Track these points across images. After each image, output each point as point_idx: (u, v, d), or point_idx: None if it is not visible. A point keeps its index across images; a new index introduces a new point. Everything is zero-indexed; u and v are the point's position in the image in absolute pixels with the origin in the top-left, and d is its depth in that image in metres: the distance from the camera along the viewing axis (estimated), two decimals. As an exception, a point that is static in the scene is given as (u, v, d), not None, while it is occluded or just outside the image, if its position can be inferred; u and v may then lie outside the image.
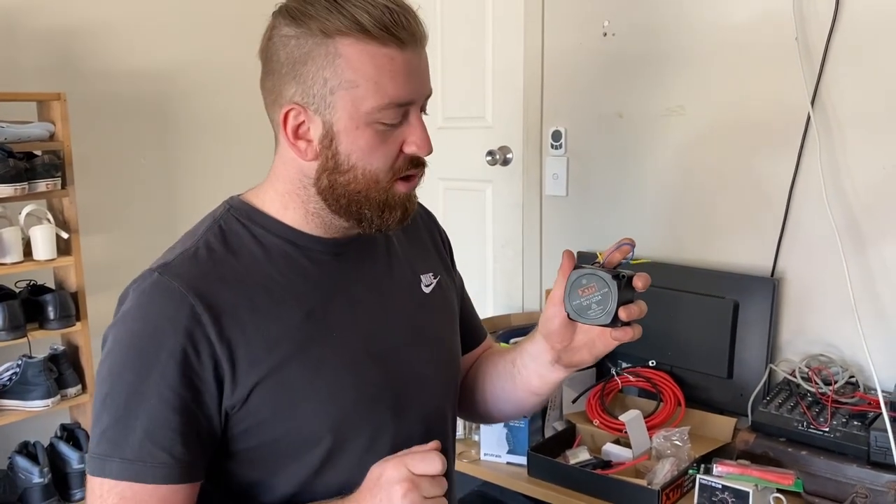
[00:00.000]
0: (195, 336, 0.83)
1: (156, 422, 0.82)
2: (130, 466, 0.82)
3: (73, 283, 2.14)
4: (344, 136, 0.86)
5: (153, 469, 0.82)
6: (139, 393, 0.82)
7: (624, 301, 0.88)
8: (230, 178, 2.13)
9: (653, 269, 1.87)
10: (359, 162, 0.87)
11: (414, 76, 0.86)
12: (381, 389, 0.93)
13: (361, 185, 0.88)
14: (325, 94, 0.85)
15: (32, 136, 2.04)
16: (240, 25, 2.56)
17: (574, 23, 2.07)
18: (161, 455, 0.82)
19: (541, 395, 1.05)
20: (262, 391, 0.86)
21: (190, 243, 0.90)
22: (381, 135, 0.86)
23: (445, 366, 1.05)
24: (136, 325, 0.85)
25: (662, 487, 1.42)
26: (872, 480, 1.37)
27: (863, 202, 1.62)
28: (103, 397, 0.85)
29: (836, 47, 1.61)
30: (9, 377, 2.04)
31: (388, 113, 0.85)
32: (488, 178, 2.37)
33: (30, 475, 2.00)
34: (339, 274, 0.95)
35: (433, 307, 1.04)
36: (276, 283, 0.90)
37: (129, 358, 0.84)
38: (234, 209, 0.94)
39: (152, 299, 0.85)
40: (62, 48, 2.29)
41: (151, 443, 0.82)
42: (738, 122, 1.79)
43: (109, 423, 0.83)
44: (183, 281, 0.85)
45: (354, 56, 0.83)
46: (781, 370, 1.69)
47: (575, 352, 0.96)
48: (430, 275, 1.06)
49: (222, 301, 0.85)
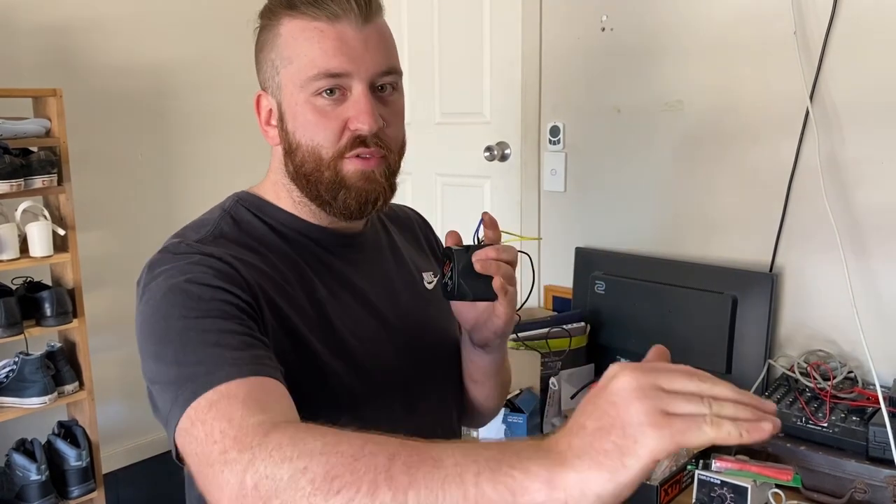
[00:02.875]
0: (236, 280, 0.81)
1: (217, 334, 0.75)
2: (213, 375, 0.71)
3: (69, 280, 2.13)
4: (289, 115, 0.88)
5: (232, 363, 0.72)
6: (193, 321, 0.76)
7: (468, 275, 0.87)
8: (226, 173, 2.12)
9: (652, 265, 1.90)
10: (302, 139, 0.88)
11: (349, 48, 0.86)
12: (390, 388, 0.94)
13: (310, 165, 0.88)
14: (273, 74, 0.89)
15: (28, 133, 2.03)
16: (236, 22, 2.54)
17: (572, 18, 2.06)
18: (233, 354, 0.73)
19: (476, 381, 1.05)
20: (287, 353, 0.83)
21: (206, 231, 0.89)
22: (322, 111, 0.86)
23: (451, 360, 1.06)
24: (173, 279, 0.80)
25: (661, 483, 1.42)
26: (871, 475, 1.37)
27: (861, 196, 1.62)
28: (152, 356, 0.77)
29: (834, 41, 1.61)
30: (6, 374, 2.04)
31: (320, 83, 0.85)
32: (486, 174, 2.37)
33: (27, 472, 2.00)
34: (348, 267, 0.96)
35: (437, 303, 1.05)
36: (296, 264, 0.90)
37: (170, 302, 0.78)
38: (243, 200, 0.95)
39: (190, 262, 0.82)
40: (58, 44, 2.28)
41: (219, 346, 0.74)
42: (737, 117, 1.79)
43: (168, 365, 0.75)
44: (213, 251, 0.84)
45: (287, 33, 0.87)
46: (780, 365, 1.69)
47: (479, 329, 0.96)
48: (430, 273, 1.08)
49: (251, 271, 0.84)
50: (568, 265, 2.09)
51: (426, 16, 2.46)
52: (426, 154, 2.51)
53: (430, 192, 2.50)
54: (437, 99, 2.47)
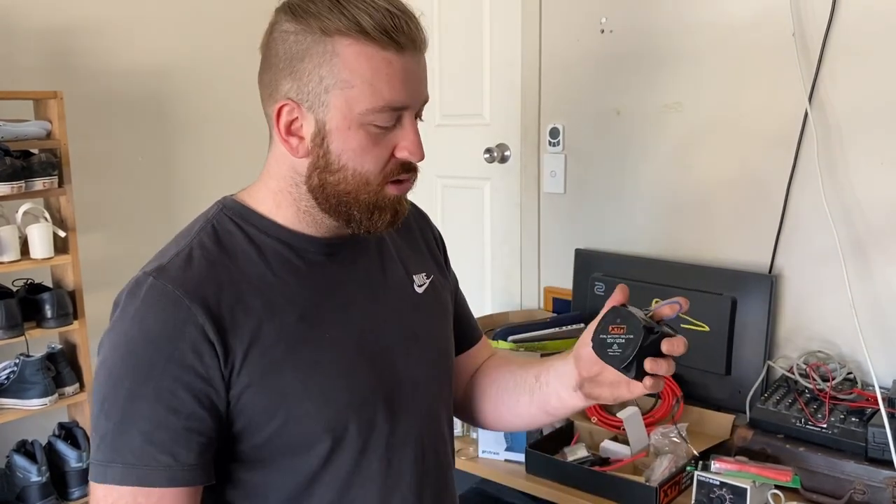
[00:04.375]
0: (193, 339, 0.82)
1: (156, 425, 0.81)
2: (132, 471, 0.81)
3: (70, 282, 2.14)
4: (336, 136, 0.86)
5: (156, 472, 0.81)
6: (138, 397, 0.82)
7: (649, 354, 0.85)
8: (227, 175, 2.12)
9: (651, 267, 1.90)
10: (349, 162, 0.86)
11: (411, 81, 0.86)
12: (373, 391, 0.93)
13: (351, 186, 0.87)
14: (320, 92, 0.85)
15: (29, 135, 2.04)
16: (236, 23, 2.56)
17: (571, 20, 2.07)
18: (163, 458, 0.81)
19: (554, 416, 1.04)
20: (256, 392, 0.85)
21: (184, 244, 0.89)
22: (374, 137, 0.86)
23: (438, 366, 1.04)
24: (133, 331, 0.84)
25: (660, 484, 1.42)
26: (870, 477, 1.37)
27: (860, 198, 1.62)
28: (101, 403, 0.84)
29: (833, 44, 1.61)
30: (6, 376, 2.04)
31: (381, 116, 0.85)
32: (486, 176, 2.37)
33: (28, 474, 2.00)
34: (332, 275, 0.94)
35: (426, 307, 1.04)
36: (269, 284, 0.89)
37: (127, 364, 0.83)
38: (227, 209, 0.93)
39: (149, 305, 0.84)
40: (59, 46, 2.28)
41: (152, 446, 0.81)
42: (736, 119, 1.79)
43: (109, 428, 0.82)
44: (178, 285, 0.84)
45: (352, 57, 0.83)
46: (779, 367, 1.69)
47: (598, 385, 0.94)
48: (423, 275, 1.05)
49: (218, 304, 0.85)
50: (568, 267, 2.09)
51: (426, 18, 2.45)
52: (426, 156, 2.50)
53: (431, 194, 2.50)
54: (437, 101, 2.47)
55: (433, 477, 0.99)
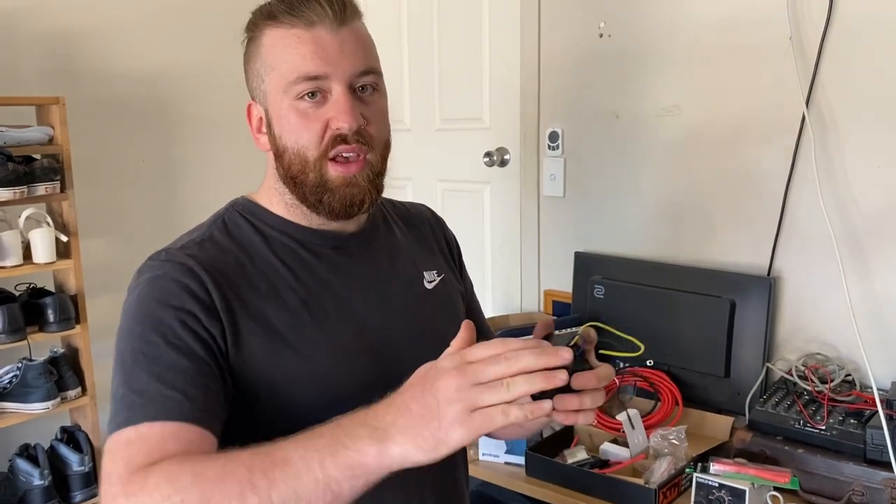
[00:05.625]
0: (202, 299, 0.86)
1: (164, 366, 0.81)
2: (140, 410, 0.79)
3: (72, 286, 2.15)
4: (275, 120, 0.92)
5: (164, 406, 0.79)
6: (147, 343, 0.83)
7: (561, 390, 0.79)
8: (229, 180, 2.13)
9: (650, 269, 1.91)
10: (289, 142, 0.91)
11: (326, 52, 0.89)
12: (376, 380, 0.93)
13: (297, 167, 0.92)
14: (259, 83, 0.93)
15: (31, 140, 2.05)
16: (237, 29, 2.56)
17: (570, 24, 2.08)
18: (171, 393, 0.80)
19: (526, 428, 1.03)
20: (258, 368, 0.87)
21: (196, 235, 0.94)
22: (304, 114, 0.90)
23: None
24: (145, 292, 0.86)
25: (659, 486, 1.43)
26: (869, 478, 1.37)
27: (858, 200, 1.63)
28: (116, 364, 0.85)
29: (830, 46, 1.62)
30: (9, 380, 2.05)
31: (300, 87, 0.89)
32: (486, 180, 2.38)
33: (30, 477, 2.01)
34: (339, 267, 0.97)
35: (435, 303, 1.05)
36: (275, 270, 0.93)
37: (137, 318, 0.85)
38: (237, 205, 0.99)
39: (163, 271, 0.87)
40: (61, 52, 2.30)
41: (161, 383, 0.80)
42: (734, 122, 1.80)
43: (120, 382, 0.83)
44: (191, 257, 0.89)
45: (268, 42, 0.92)
46: (778, 369, 1.69)
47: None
48: (434, 272, 1.07)
49: (226, 278, 0.89)
50: (567, 270, 2.10)
51: (425, 22, 2.47)
52: (426, 160, 2.52)
53: (431, 198, 2.51)
54: (436, 105, 2.48)
55: (438, 476, 0.99)
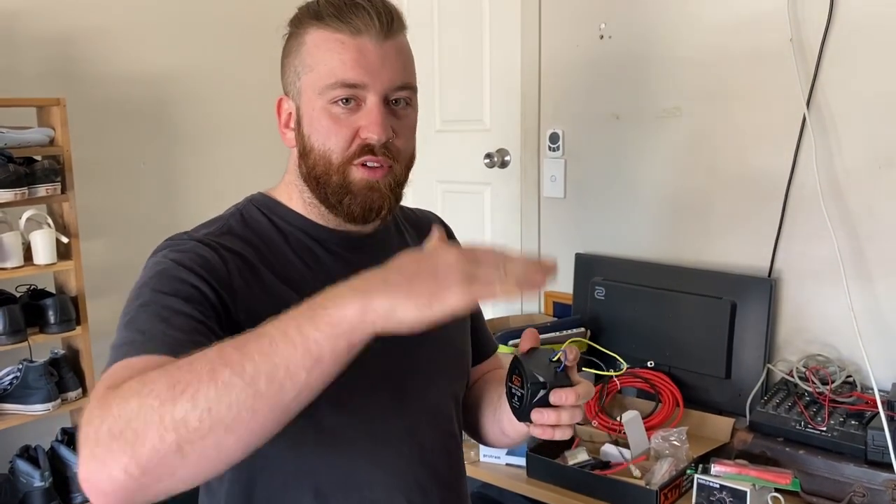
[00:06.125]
0: (221, 273, 0.86)
1: (171, 311, 0.79)
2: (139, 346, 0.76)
3: (73, 288, 2.14)
4: (306, 119, 0.92)
5: (161, 340, 0.76)
6: (159, 293, 0.81)
7: (541, 405, 0.85)
8: (229, 181, 2.14)
9: (651, 271, 1.91)
10: (316, 143, 0.92)
11: (367, 62, 0.89)
12: (382, 377, 0.94)
13: (321, 168, 0.92)
14: (295, 80, 0.93)
15: (32, 142, 2.05)
16: (238, 31, 2.57)
17: (570, 25, 2.08)
18: (174, 333, 0.77)
19: (509, 436, 1.03)
20: None
21: (214, 227, 0.95)
22: (336, 118, 0.91)
23: (452, 364, 1.05)
24: (162, 258, 0.87)
25: (660, 487, 1.43)
26: (870, 479, 1.37)
27: (859, 201, 1.63)
28: (126, 309, 0.83)
29: (830, 48, 1.62)
30: (10, 381, 2.05)
31: (336, 92, 0.89)
32: (486, 181, 2.38)
33: (31, 479, 2.01)
34: (353, 266, 0.96)
35: None
36: (292, 265, 0.94)
37: (150, 272, 0.85)
38: (255, 200, 1.00)
39: (187, 246, 0.88)
40: (62, 54, 2.29)
41: (164, 323, 0.78)
42: (734, 123, 1.80)
43: (122, 326, 0.80)
44: (210, 238, 0.90)
45: (311, 42, 0.91)
46: (779, 370, 1.69)
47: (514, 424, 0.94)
48: None
49: (246, 264, 0.89)
50: (568, 271, 2.10)
51: (426, 23, 2.47)
52: (427, 161, 2.50)
53: (431, 200, 2.51)
54: (437, 106, 2.48)
55: (441, 475, 0.99)
